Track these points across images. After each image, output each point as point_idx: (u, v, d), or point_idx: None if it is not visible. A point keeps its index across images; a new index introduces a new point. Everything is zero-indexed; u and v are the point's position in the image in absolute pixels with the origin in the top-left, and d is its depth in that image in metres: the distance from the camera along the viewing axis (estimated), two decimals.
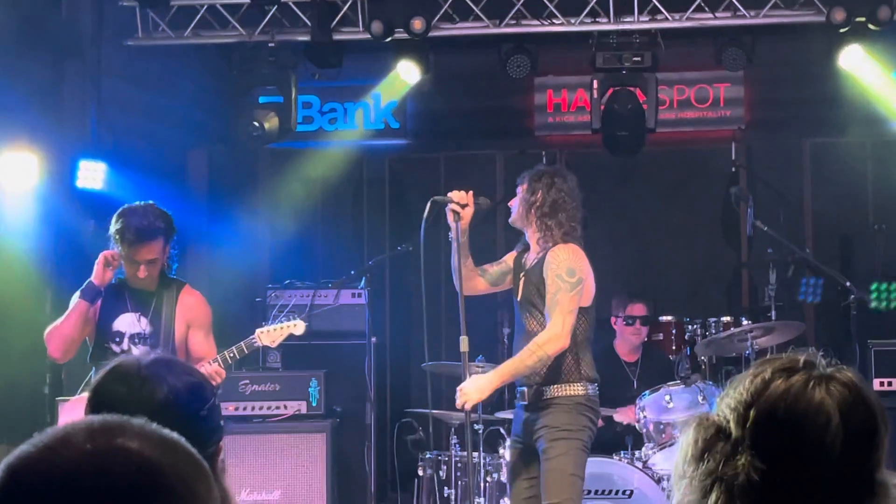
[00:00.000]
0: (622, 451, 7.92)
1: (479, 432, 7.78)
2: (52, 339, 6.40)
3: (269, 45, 8.95)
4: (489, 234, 8.56)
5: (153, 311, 6.49)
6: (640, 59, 8.78)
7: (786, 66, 9.88)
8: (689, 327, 8.56)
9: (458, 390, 6.24)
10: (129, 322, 6.48)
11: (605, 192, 10.38)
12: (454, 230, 6.34)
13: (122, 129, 9.09)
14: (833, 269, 9.38)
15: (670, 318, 8.78)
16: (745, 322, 8.41)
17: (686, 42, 9.55)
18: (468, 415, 6.33)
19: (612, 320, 8.86)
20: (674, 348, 8.69)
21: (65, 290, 6.82)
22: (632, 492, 7.59)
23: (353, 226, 10.62)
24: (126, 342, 6.47)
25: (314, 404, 8.52)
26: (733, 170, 10.03)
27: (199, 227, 10.00)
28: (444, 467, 8.01)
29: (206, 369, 6.15)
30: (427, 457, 8.18)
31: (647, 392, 7.94)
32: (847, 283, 9.06)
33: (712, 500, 1.95)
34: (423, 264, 6.36)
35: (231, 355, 6.56)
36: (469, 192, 6.37)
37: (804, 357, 2.04)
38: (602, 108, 8.85)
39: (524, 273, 6.42)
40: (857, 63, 8.85)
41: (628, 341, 8.84)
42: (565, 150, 10.47)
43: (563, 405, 6.24)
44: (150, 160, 9.20)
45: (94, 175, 8.60)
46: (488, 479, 7.74)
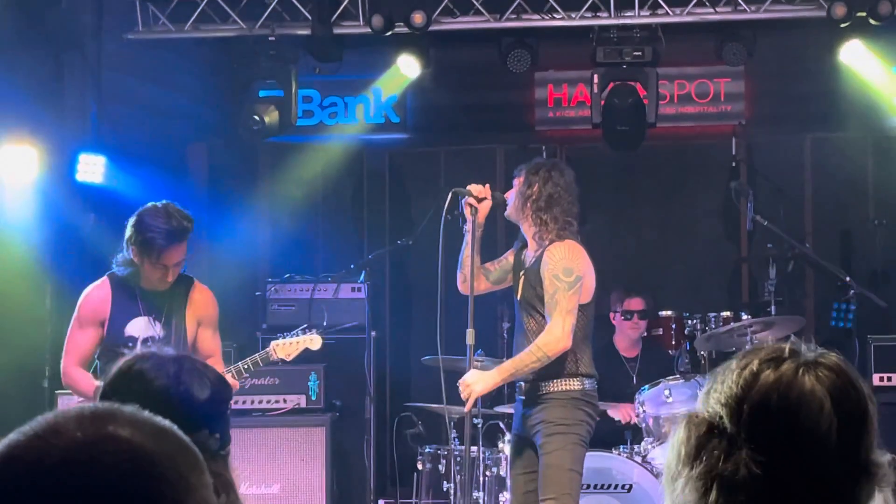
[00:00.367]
0: (621, 446, 7.92)
1: (479, 427, 7.78)
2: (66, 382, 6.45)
3: (270, 38, 8.93)
4: (490, 230, 8.53)
5: (166, 314, 6.42)
6: (640, 53, 8.77)
7: (787, 61, 9.86)
8: (689, 322, 8.53)
9: (460, 383, 6.23)
10: (141, 326, 6.41)
11: (605, 186, 10.38)
12: (469, 224, 6.32)
13: (122, 122, 9.08)
14: (833, 264, 9.38)
15: (670, 312, 8.76)
16: (744, 317, 8.39)
17: (687, 37, 9.53)
18: (469, 415, 6.32)
19: (611, 315, 8.86)
20: (673, 343, 8.67)
21: (64, 284, 6.82)
22: (631, 486, 7.59)
23: (353, 220, 10.61)
24: (139, 347, 6.40)
25: (313, 398, 8.51)
26: (734, 165, 10.01)
27: (198, 221, 9.87)
28: (444, 461, 8.00)
29: None
30: (426, 451, 8.18)
31: (647, 387, 7.93)
32: (847, 279, 9.05)
33: (712, 498, 1.94)
34: (441, 256, 6.32)
35: (245, 367, 6.53)
36: (486, 186, 6.35)
37: (788, 345, 2.03)
38: (602, 102, 8.84)
39: (523, 272, 6.39)
40: (858, 58, 8.84)
41: (627, 336, 8.83)
42: (566, 145, 10.45)
43: (558, 399, 6.22)
44: (150, 154, 9.19)
45: (93, 168, 8.59)
46: (487, 473, 7.73)
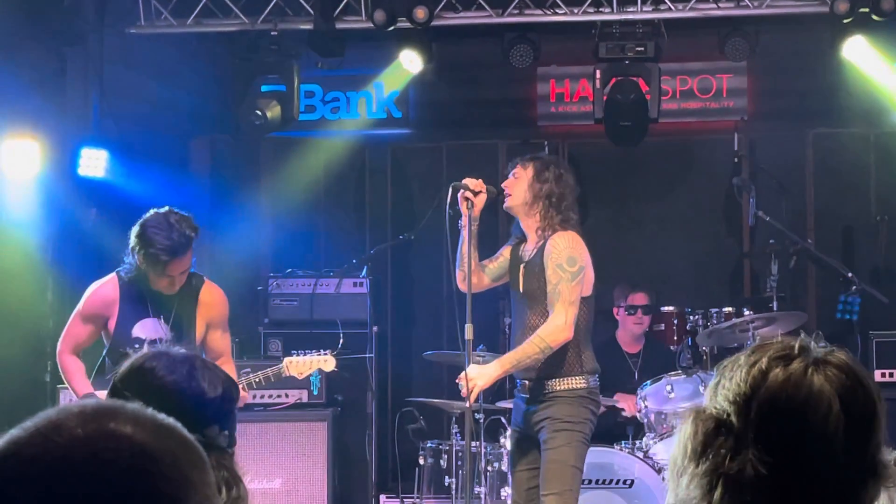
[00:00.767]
0: (623, 441, 7.91)
1: (480, 422, 7.77)
2: (59, 366, 6.45)
3: (272, 33, 8.92)
4: (492, 224, 8.52)
5: (175, 316, 6.38)
6: (643, 49, 8.75)
7: (789, 56, 9.84)
8: (691, 318, 8.53)
9: (460, 379, 6.22)
10: (149, 327, 6.38)
11: (607, 182, 10.37)
12: (465, 217, 6.31)
13: (124, 116, 9.07)
14: (835, 260, 9.37)
15: (672, 308, 8.75)
16: (746, 312, 8.38)
17: (689, 32, 9.51)
18: (469, 410, 6.31)
19: (615, 310, 8.86)
20: (675, 339, 8.67)
21: (66, 277, 6.82)
22: (632, 481, 7.58)
23: (356, 215, 10.60)
24: (146, 349, 6.38)
25: (315, 393, 8.51)
26: (736, 160, 9.99)
27: (200, 216, 9.88)
28: (445, 456, 8.00)
29: None
30: (428, 446, 8.18)
31: (649, 382, 7.92)
32: (849, 274, 9.04)
33: (717, 496, 1.93)
34: (449, 250, 6.32)
35: (257, 381, 6.53)
36: (480, 180, 6.36)
37: (798, 342, 2.02)
38: (605, 98, 8.82)
39: (524, 265, 6.37)
40: (861, 54, 8.82)
41: (630, 331, 8.83)
42: (568, 140, 10.44)
43: (565, 398, 6.22)
44: (152, 148, 9.18)
45: (95, 163, 8.59)
46: (489, 468, 7.74)
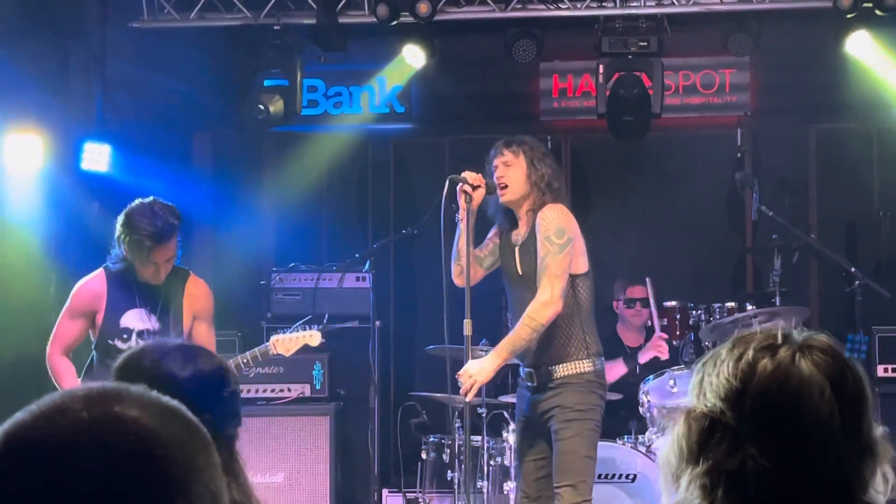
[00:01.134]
0: (626, 436, 7.92)
1: (483, 416, 7.77)
2: (49, 366, 6.46)
3: (275, 28, 8.92)
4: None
5: (161, 306, 6.43)
6: (646, 44, 8.75)
7: (792, 52, 9.84)
8: (694, 312, 8.52)
9: (460, 375, 6.20)
10: (137, 318, 6.41)
11: (610, 176, 10.37)
12: (463, 211, 6.30)
13: (128, 111, 9.08)
14: (838, 255, 9.36)
15: (674, 303, 8.75)
16: (749, 307, 8.37)
17: (692, 27, 9.51)
18: (468, 405, 6.31)
19: (615, 304, 8.86)
20: (678, 333, 8.66)
21: (69, 271, 6.82)
22: (635, 476, 7.59)
23: (358, 209, 10.61)
24: (134, 339, 6.40)
25: (318, 387, 8.51)
26: (738, 155, 10.00)
27: (203, 211, 10.00)
28: (448, 450, 8.01)
29: None
30: (430, 440, 8.19)
31: (651, 377, 7.92)
32: (852, 269, 9.03)
33: (720, 493, 1.93)
34: (443, 243, 6.32)
35: (244, 361, 6.56)
36: (480, 174, 6.34)
37: (780, 330, 2.03)
38: (608, 93, 8.82)
39: (518, 247, 6.34)
40: (864, 49, 8.81)
41: (631, 324, 8.83)
42: (570, 135, 10.44)
43: (573, 384, 6.19)
44: (156, 143, 9.19)
45: (99, 157, 8.60)
46: (492, 462, 7.74)
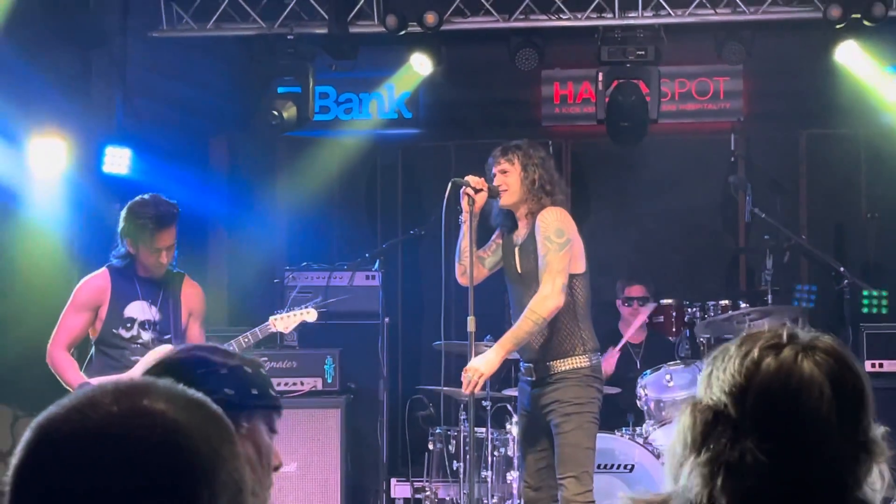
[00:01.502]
0: (624, 428, 7.92)
1: (487, 409, 7.78)
2: (50, 362, 6.48)
3: (288, 37, 8.92)
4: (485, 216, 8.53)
5: (162, 299, 6.51)
6: (643, 52, 8.74)
7: (783, 60, 9.82)
8: (689, 310, 8.52)
9: (466, 371, 6.18)
10: (140, 309, 6.49)
11: (608, 179, 10.37)
12: (466, 213, 6.30)
13: (147, 116, 9.07)
14: (827, 255, 9.36)
15: (671, 300, 8.75)
16: (742, 305, 8.38)
17: (688, 37, 9.49)
18: (472, 398, 6.29)
19: (618, 303, 8.86)
20: (674, 330, 8.66)
21: (90, 269, 6.82)
22: (633, 466, 7.59)
23: (368, 211, 10.61)
24: (136, 328, 6.46)
25: (329, 381, 8.51)
26: (732, 159, 9.99)
27: (219, 211, 10.02)
28: (454, 442, 8.01)
29: None
30: (437, 432, 8.19)
31: (648, 371, 7.93)
32: (841, 269, 9.03)
33: (719, 483, 1.93)
34: (444, 243, 6.33)
35: (246, 340, 6.61)
36: (482, 178, 6.35)
37: (786, 330, 2.03)
38: (607, 99, 8.81)
39: (518, 247, 6.35)
40: (852, 58, 8.82)
41: (629, 322, 8.82)
42: (571, 140, 10.44)
43: (571, 379, 6.19)
44: (174, 146, 9.20)
45: (119, 160, 8.59)
46: (495, 453, 7.74)
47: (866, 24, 8.30)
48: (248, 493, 1.38)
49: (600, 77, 8.85)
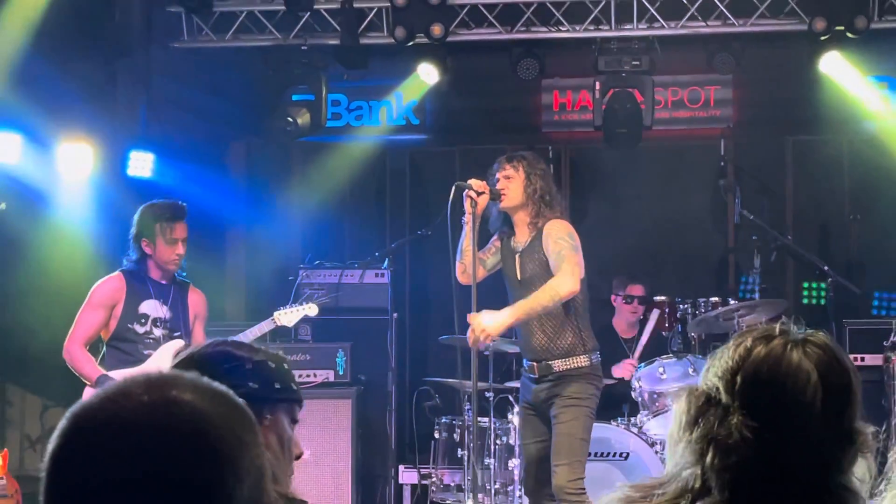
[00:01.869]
0: (619, 418, 7.93)
1: (490, 399, 7.79)
2: (69, 358, 6.54)
3: (303, 48, 8.94)
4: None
5: (172, 300, 6.67)
6: (638, 63, 8.75)
7: (771, 70, 9.82)
8: (681, 307, 8.52)
9: (471, 319, 6.03)
10: (153, 307, 6.63)
11: (605, 183, 10.37)
12: (468, 215, 6.31)
13: (169, 122, 9.10)
14: (812, 255, 9.37)
15: (664, 298, 8.75)
16: (731, 302, 8.39)
17: (680, 48, 9.50)
18: (476, 352, 6.18)
19: (613, 298, 8.86)
20: (667, 326, 8.67)
21: (115, 267, 6.86)
22: (628, 454, 7.60)
23: (377, 212, 10.62)
24: (149, 324, 6.55)
25: (341, 373, 8.53)
26: (722, 164, 9.99)
27: (238, 213, 10.04)
28: (458, 431, 8.02)
29: None
30: (442, 421, 8.20)
31: (643, 364, 7.94)
32: (825, 268, 9.04)
33: (708, 458, 1.95)
34: (449, 242, 6.34)
35: (252, 335, 6.73)
36: (484, 182, 6.36)
37: (779, 326, 2.06)
38: (603, 107, 8.82)
39: (519, 254, 6.35)
40: (836, 68, 8.81)
41: (626, 319, 8.83)
42: (569, 145, 10.44)
43: (571, 376, 6.22)
44: (194, 151, 9.23)
45: (143, 164, 8.62)
46: (498, 441, 7.76)
47: (849, 35, 8.32)
48: (269, 479, 1.40)
49: (597, 86, 8.86)
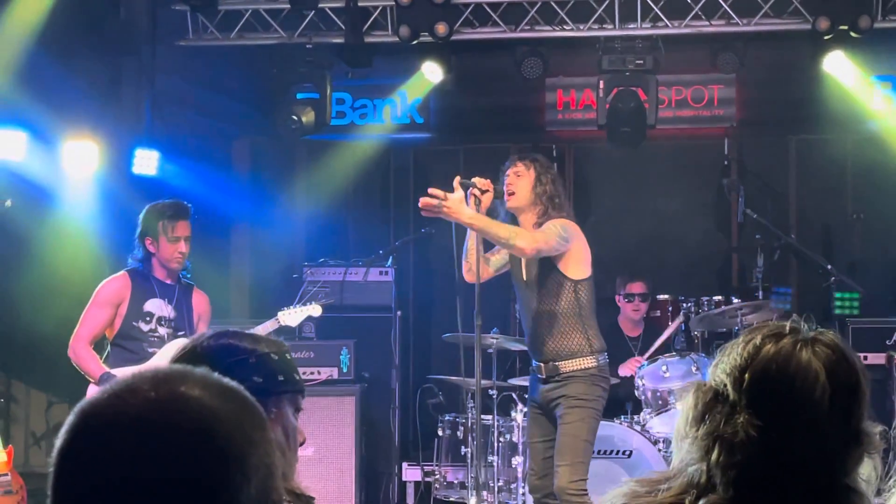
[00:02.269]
0: (622, 416, 7.92)
1: (494, 397, 7.78)
2: (74, 356, 6.56)
3: (307, 46, 8.92)
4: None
5: (176, 299, 6.70)
6: (642, 62, 8.73)
7: (774, 69, 9.81)
8: (684, 305, 8.51)
9: (433, 192, 6.03)
10: (157, 305, 6.65)
11: (609, 181, 10.36)
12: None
13: (174, 120, 9.09)
14: (815, 254, 9.35)
15: (667, 296, 8.74)
16: (735, 300, 8.37)
17: (684, 47, 9.48)
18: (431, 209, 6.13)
19: (617, 298, 8.85)
20: (670, 324, 8.65)
21: (120, 265, 6.85)
22: (631, 452, 7.58)
23: (381, 210, 10.60)
24: (154, 322, 6.58)
25: (345, 370, 8.52)
26: (725, 163, 9.98)
27: (242, 210, 10.03)
28: (462, 428, 8.01)
29: None
30: (446, 419, 8.19)
31: (646, 363, 7.92)
32: (828, 267, 9.03)
33: (714, 456, 1.93)
34: (454, 241, 6.31)
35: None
36: (488, 180, 6.34)
37: (789, 324, 2.03)
38: (607, 106, 8.79)
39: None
40: (840, 67, 8.80)
41: (629, 317, 8.81)
42: (573, 144, 10.42)
43: (579, 377, 6.19)
44: (199, 149, 9.21)
45: (148, 162, 8.60)
46: (501, 439, 7.74)
47: (853, 35, 8.29)
48: (279, 477, 1.38)
49: (601, 85, 8.83)
